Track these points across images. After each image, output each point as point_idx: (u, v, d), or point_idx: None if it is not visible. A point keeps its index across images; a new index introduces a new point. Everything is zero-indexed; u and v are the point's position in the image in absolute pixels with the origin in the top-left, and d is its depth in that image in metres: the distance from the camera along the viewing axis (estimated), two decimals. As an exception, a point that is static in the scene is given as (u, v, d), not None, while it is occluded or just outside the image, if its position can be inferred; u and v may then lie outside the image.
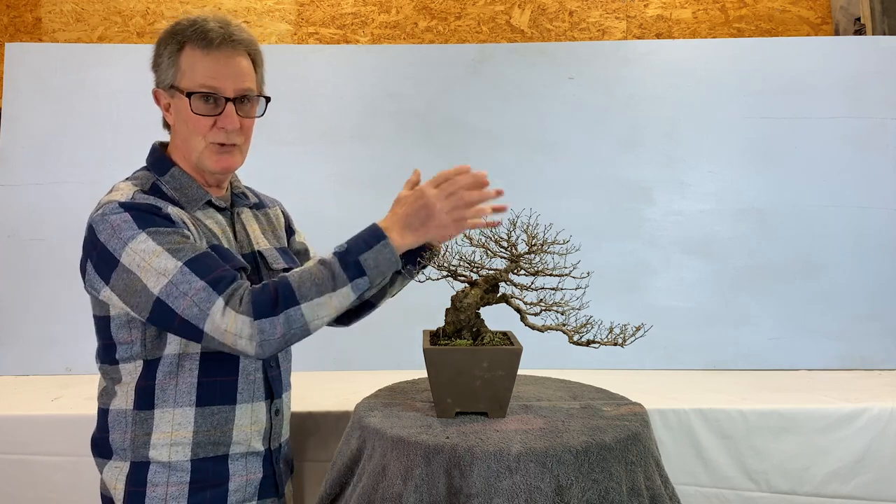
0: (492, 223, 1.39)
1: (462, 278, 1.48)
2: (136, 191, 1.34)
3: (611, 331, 1.42)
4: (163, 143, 1.47)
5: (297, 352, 1.57)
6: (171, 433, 1.34)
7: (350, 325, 1.62)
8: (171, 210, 1.32)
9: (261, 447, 1.43)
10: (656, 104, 2.89)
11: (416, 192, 1.32)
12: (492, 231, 1.46)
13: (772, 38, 3.14)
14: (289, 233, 1.66)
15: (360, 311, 1.58)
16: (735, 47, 2.97)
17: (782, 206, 2.78)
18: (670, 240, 2.78)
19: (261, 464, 1.43)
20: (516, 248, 1.44)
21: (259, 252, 1.49)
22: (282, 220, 1.65)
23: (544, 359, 2.10)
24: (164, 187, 1.39)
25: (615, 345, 1.41)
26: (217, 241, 1.39)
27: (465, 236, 1.48)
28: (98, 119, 2.82)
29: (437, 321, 1.52)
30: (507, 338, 1.46)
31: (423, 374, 1.43)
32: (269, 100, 1.45)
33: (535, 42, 3.32)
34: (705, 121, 2.87)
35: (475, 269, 1.48)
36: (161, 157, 1.43)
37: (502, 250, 1.45)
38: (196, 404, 1.35)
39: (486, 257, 1.47)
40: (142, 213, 1.28)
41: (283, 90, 2.86)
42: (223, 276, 1.24)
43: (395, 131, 2.90)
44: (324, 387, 2.19)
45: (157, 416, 1.34)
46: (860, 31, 3.16)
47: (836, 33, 3.28)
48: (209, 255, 1.28)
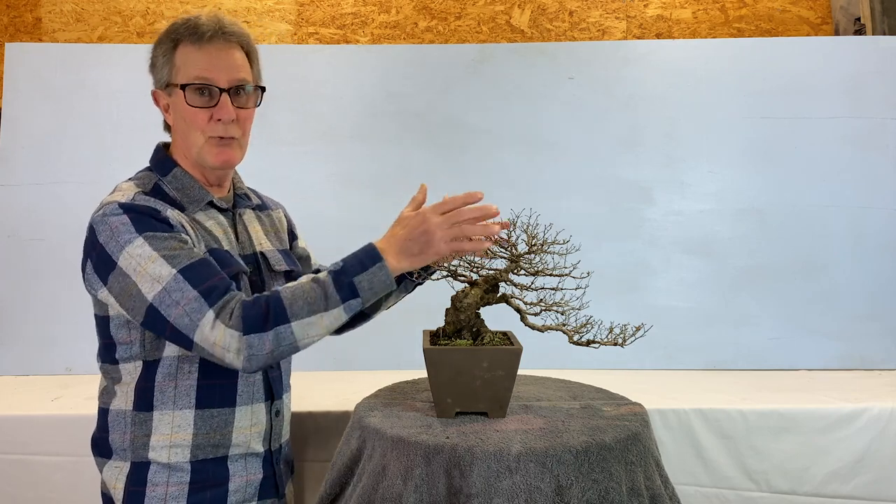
0: (488, 250, 1.35)
1: (462, 278, 1.48)
2: (138, 192, 1.34)
3: (611, 331, 1.42)
4: (166, 144, 1.48)
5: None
6: (171, 435, 1.34)
7: (342, 334, 1.59)
8: (169, 213, 1.31)
9: (260, 448, 1.43)
10: (656, 104, 2.89)
11: (419, 217, 1.26)
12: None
13: (772, 38, 3.14)
14: (291, 237, 1.66)
15: (353, 322, 1.56)
16: (735, 47, 2.97)
17: (782, 206, 2.78)
18: (670, 240, 2.78)
19: (261, 465, 1.43)
20: (516, 248, 1.44)
21: (261, 253, 1.49)
22: (284, 224, 1.65)
23: (544, 359, 2.10)
24: (166, 187, 1.39)
25: (615, 345, 1.41)
26: (217, 244, 1.38)
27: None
28: (98, 119, 2.82)
29: (437, 321, 1.52)
30: (507, 338, 1.46)
31: (423, 374, 1.43)
32: (264, 90, 1.45)
33: (535, 42, 3.32)
34: (705, 121, 2.87)
35: (475, 269, 1.48)
36: (164, 158, 1.43)
37: (502, 250, 1.45)
38: (195, 407, 1.34)
39: (486, 257, 1.47)
40: (140, 216, 1.28)
41: (283, 90, 2.89)
42: (216, 287, 1.24)
43: (395, 131, 2.89)
44: (324, 387, 2.19)
45: (156, 417, 1.34)
46: (860, 31, 3.16)
47: (836, 33, 3.28)
48: (205, 262, 1.27)
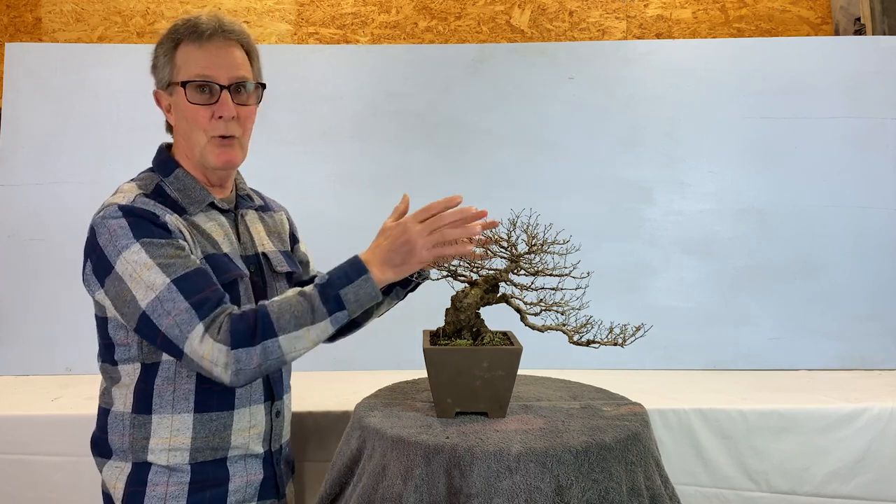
0: (472, 252, 1.36)
1: (462, 278, 1.48)
2: (138, 194, 1.34)
3: (611, 331, 1.42)
4: (169, 145, 1.48)
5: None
6: (170, 439, 1.34)
7: (335, 342, 1.58)
8: (168, 218, 1.31)
9: (260, 449, 1.43)
10: (656, 104, 2.89)
11: (399, 227, 1.28)
12: (492, 231, 1.46)
13: (772, 38, 3.14)
14: (292, 240, 1.66)
15: (345, 330, 1.56)
16: (735, 47, 2.97)
17: (782, 206, 2.78)
18: (670, 240, 2.78)
19: (261, 465, 1.43)
20: (516, 248, 1.44)
21: (263, 254, 1.49)
22: (286, 226, 1.65)
23: (544, 359, 2.10)
24: (168, 188, 1.39)
25: (615, 345, 1.41)
26: (215, 247, 1.38)
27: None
28: (98, 119, 2.82)
29: (437, 321, 1.52)
30: (507, 338, 1.46)
31: (423, 374, 1.43)
32: (264, 87, 1.45)
33: (535, 42, 3.32)
34: (705, 121, 2.87)
35: (475, 269, 1.48)
36: (166, 159, 1.43)
37: (502, 250, 1.45)
38: (194, 411, 1.34)
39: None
40: (138, 221, 1.28)
41: (283, 90, 2.89)
42: (208, 299, 1.24)
43: (395, 131, 2.89)
44: (324, 387, 2.19)
45: (155, 421, 1.34)
46: (860, 31, 3.16)
47: (836, 33, 3.28)
48: (199, 273, 1.27)
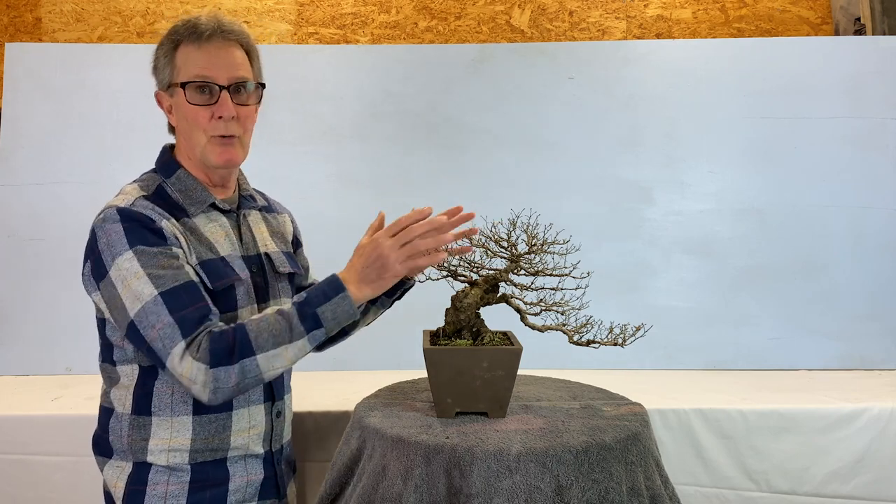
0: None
1: (462, 278, 1.48)
2: (138, 197, 1.35)
3: (611, 331, 1.42)
4: (172, 146, 1.48)
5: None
6: (169, 440, 1.34)
7: (323, 351, 1.58)
8: (163, 224, 1.31)
9: (260, 450, 1.43)
10: (656, 104, 2.89)
11: (372, 243, 1.29)
12: (492, 231, 1.46)
13: (772, 38, 3.14)
14: (296, 245, 1.66)
15: (333, 339, 1.56)
16: (735, 47, 2.97)
17: (782, 206, 2.78)
18: (670, 240, 2.77)
19: (261, 465, 1.43)
20: (516, 248, 1.44)
21: (266, 254, 1.49)
22: (290, 228, 1.65)
23: (544, 359, 2.10)
24: (169, 189, 1.40)
25: (615, 345, 1.41)
26: (212, 251, 1.38)
27: (466, 236, 1.48)
28: (98, 119, 2.82)
29: (437, 321, 1.52)
30: (507, 338, 1.47)
31: (423, 374, 1.43)
32: (263, 86, 1.45)
33: (535, 42, 3.32)
34: (705, 121, 2.87)
35: (475, 269, 1.48)
36: (169, 160, 1.44)
37: (502, 250, 1.45)
38: (193, 413, 1.34)
39: (486, 257, 1.48)
40: (135, 226, 1.28)
41: (283, 90, 2.89)
42: (193, 316, 1.24)
43: (395, 131, 2.89)
44: (324, 387, 2.19)
45: (154, 422, 1.34)
46: (860, 31, 3.16)
47: (836, 33, 3.28)
48: (188, 287, 1.27)
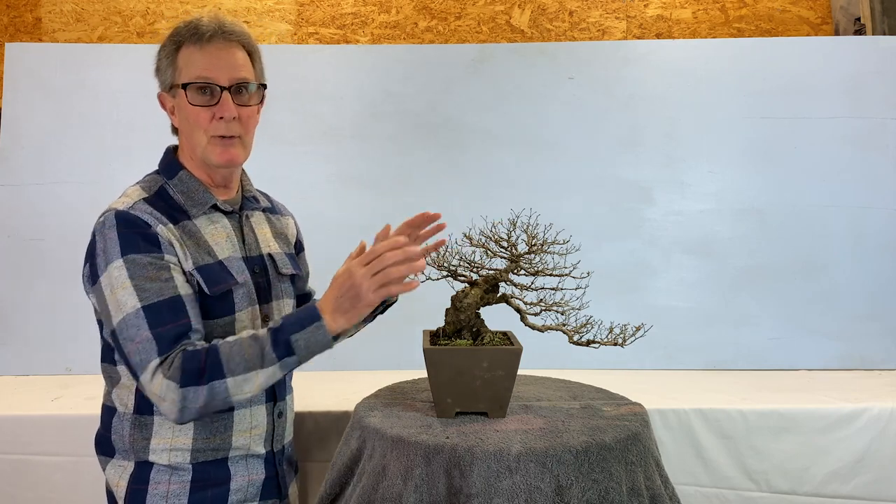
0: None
1: (462, 278, 1.48)
2: (139, 200, 1.35)
3: (611, 331, 1.42)
4: (175, 147, 1.48)
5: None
6: (171, 439, 1.34)
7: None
8: (159, 229, 1.31)
9: (262, 450, 1.43)
10: (656, 104, 2.89)
11: (345, 273, 1.27)
12: (492, 231, 1.46)
13: (772, 38, 3.14)
14: (298, 248, 1.66)
15: None
16: (735, 47, 2.97)
17: (782, 206, 2.78)
18: (670, 240, 2.78)
19: (262, 465, 1.43)
20: (516, 248, 1.44)
21: (269, 255, 1.49)
22: (293, 231, 1.65)
23: (544, 359, 2.10)
24: (171, 190, 1.40)
25: (615, 345, 1.41)
26: (211, 255, 1.37)
27: (466, 236, 1.49)
28: (98, 119, 2.82)
29: (437, 321, 1.52)
30: (507, 338, 1.47)
31: (423, 374, 1.43)
32: (265, 87, 1.45)
33: (535, 42, 3.32)
34: (705, 121, 2.87)
35: (475, 269, 1.48)
36: (171, 161, 1.44)
37: (502, 250, 1.45)
38: None
39: (486, 257, 1.48)
40: (128, 234, 1.29)
41: (283, 90, 2.89)
42: (168, 334, 1.24)
43: (395, 131, 2.89)
44: (324, 387, 2.19)
45: (156, 422, 1.34)
46: (860, 31, 3.16)
47: (836, 33, 3.28)
48: (171, 303, 1.26)
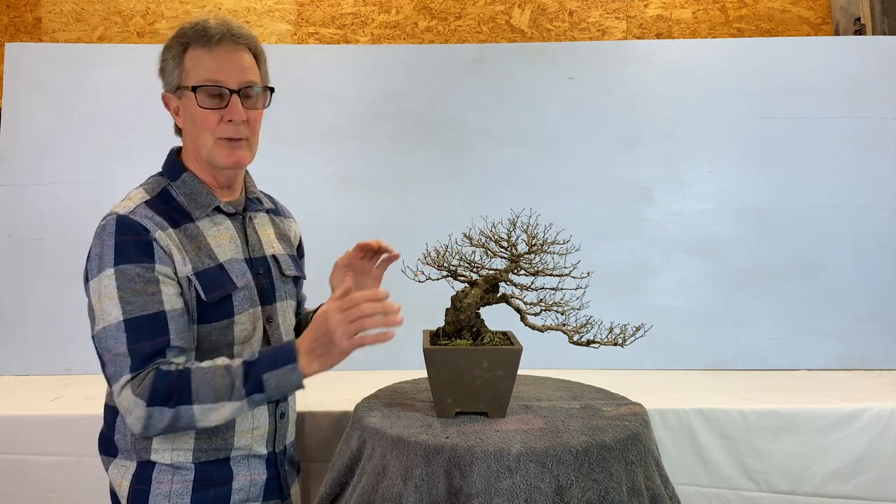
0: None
1: (462, 278, 1.48)
2: (141, 203, 1.35)
3: (611, 331, 1.42)
4: (179, 149, 1.48)
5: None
6: (173, 439, 1.35)
7: None
8: (157, 235, 1.31)
9: (263, 451, 1.43)
10: (656, 104, 2.89)
11: (322, 317, 1.26)
12: (492, 231, 1.46)
13: (772, 38, 3.14)
14: (299, 253, 1.66)
15: None
16: (735, 47, 2.97)
17: (782, 206, 2.78)
18: (670, 240, 2.77)
19: (264, 465, 1.44)
20: (516, 248, 1.44)
21: (273, 256, 1.49)
22: (296, 234, 1.65)
23: (544, 359, 2.10)
24: (175, 192, 1.40)
25: (615, 345, 1.41)
26: (212, 258, 1.37)
27: (466, 236, 1.49)
28: (98, 119, 2.82)
29: (437, 321, 1.52)
30: (507, 338, 1.47)
31: (423, 374, 1.43)
32: (273, 90, 1.45)
33: (535, 42, 3.32)
34: (705, 121, 2.86)
35: (475, 269, 1.48)
36: (175, 163, 1.44)
37: (502, 250, 1.45)
38: None
39: (486, 257, 1.48)
40: (125, 242, 1.29)
41: (283, 90, 2.86)
42: (144, 350, 1.24)
43: (395, 131, 2.89)
44: (324, 387, 2.17)
45: None
46: (860, 31, 3.16)
47: (836, 33, 3.28)
48: (154, 318, 1.26)
